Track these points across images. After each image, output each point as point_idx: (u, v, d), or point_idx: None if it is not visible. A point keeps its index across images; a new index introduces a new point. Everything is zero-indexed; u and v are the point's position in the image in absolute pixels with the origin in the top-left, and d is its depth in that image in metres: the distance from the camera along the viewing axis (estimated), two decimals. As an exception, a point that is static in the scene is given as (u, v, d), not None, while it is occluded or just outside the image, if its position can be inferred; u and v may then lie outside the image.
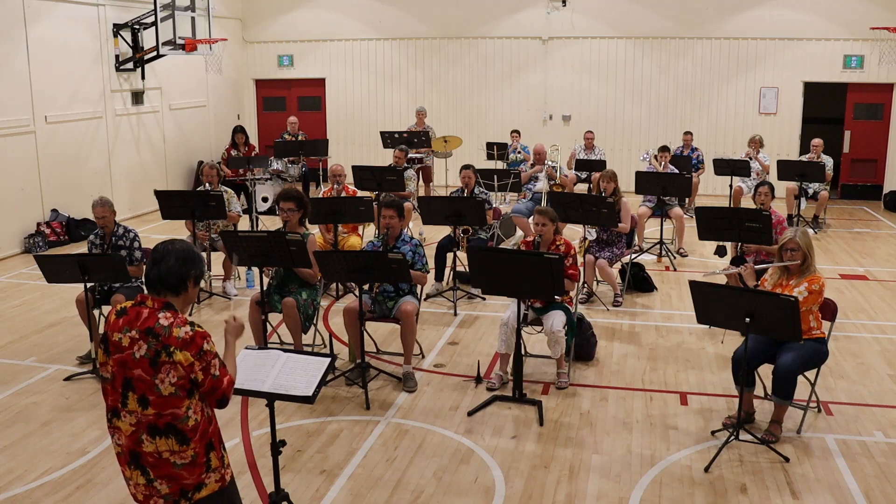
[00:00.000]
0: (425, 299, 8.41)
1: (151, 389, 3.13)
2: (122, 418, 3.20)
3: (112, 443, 3.31)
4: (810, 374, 5.63)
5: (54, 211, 11.52)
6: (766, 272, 5.69)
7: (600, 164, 12.49)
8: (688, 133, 13.49)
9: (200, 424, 3.22)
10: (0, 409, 6.01)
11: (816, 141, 12.18)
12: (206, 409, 3.27)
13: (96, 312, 6.92)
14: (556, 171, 11.05)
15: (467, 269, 7.31)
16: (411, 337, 6.42)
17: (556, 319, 6.22)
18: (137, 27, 12.74)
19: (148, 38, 12.72)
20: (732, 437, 5.26)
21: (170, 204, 8.42)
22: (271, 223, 11.41)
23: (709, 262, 9.93)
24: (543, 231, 6.47)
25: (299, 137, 13.94)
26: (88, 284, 6.42)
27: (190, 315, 7.88)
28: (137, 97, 13.25)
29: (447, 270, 8.89)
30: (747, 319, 4.97)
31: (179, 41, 12.58)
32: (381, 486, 4.89)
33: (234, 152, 13.32)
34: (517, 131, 13.92)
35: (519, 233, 10.88)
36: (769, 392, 5.61)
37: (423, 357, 7.01)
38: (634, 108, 15.32)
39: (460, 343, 7.37)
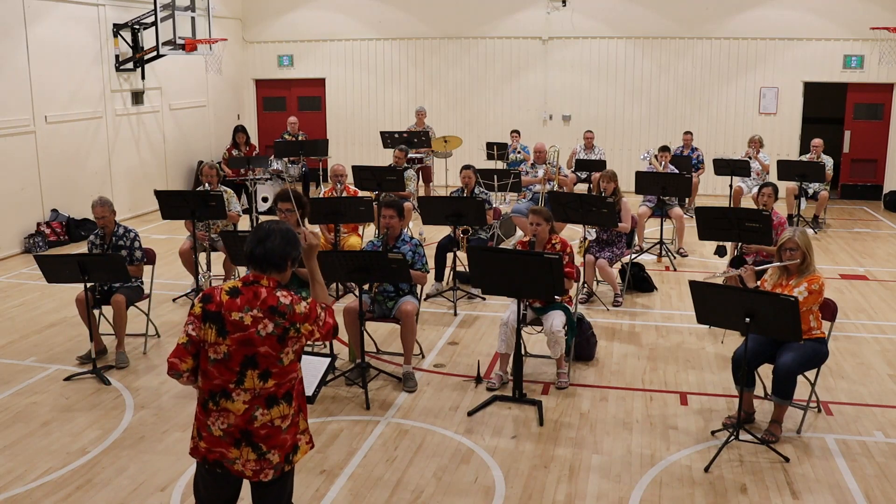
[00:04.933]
0: (425, 299, 8.41)
1: (275, 363, 3.26)
2: (233, 398, 3.25)
3: (214, 427, 3.29)
4: (810, 374, 5.63)
5: (54, 211, 11.52)
6: (766, 273, 5.70)
7: (600, 164, 12.49)
8: (688, 133, 13.48)
9: (297, 384, 3.39)
10: (0, 409, 6.01)
11: (816, 141, 12.18)
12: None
13: (96, 312, 6.92)
14: (555, 174, 11.06)
15: (467, 269, 7.31)
16: (411, 337, 6.42)
17: (556, 319, 6.22)
18: (137, 27, 12.74)
19: (148, 38, 12.72)
20: (732, 437, 5.26)
21: (170, 204, 8.42)
22: (271, 223, 11.38)
23: (709, 262, 9.95)
24: (538, 231, 6.47)
25: (299, 137, 13.94)
26: (88, 284, 6.42)
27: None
28: (137, 97, 13.24)
29: (447, 270, 8.88)
30: (747, 319, 4.97)
31: (179, 41, 12.58)
32: (381, 486, 4.90)
33: (235, 152, 13.32)
34: (517, 131, 13.91)
35: (519, 233, 10.88)
36: (769, 392, 5.61)
37: (423, 357, 7.01)
38: (634, 107, 15.31)
39: (460, 343, 7.37)
